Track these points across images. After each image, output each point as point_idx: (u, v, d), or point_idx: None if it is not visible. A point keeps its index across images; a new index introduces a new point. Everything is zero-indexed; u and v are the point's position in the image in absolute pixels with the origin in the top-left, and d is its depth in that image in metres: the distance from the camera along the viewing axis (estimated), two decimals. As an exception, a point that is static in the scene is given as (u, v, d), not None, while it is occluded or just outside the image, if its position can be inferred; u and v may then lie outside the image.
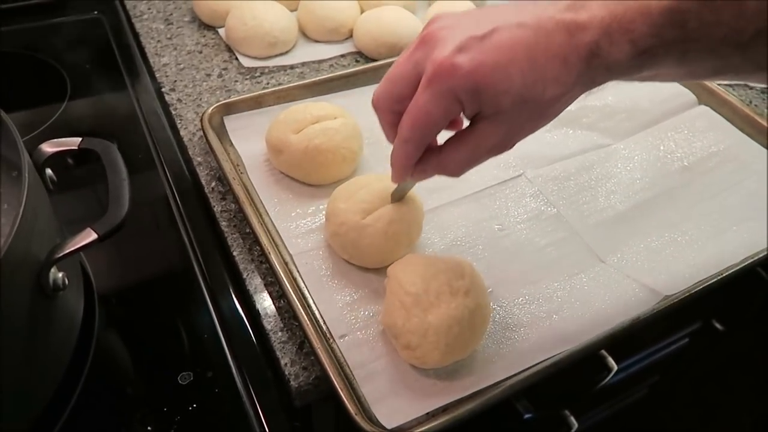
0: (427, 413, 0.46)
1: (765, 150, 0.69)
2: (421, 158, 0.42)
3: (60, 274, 0.43)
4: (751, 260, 0.56)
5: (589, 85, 0.38)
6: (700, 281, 0.54)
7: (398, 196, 0.53)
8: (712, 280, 0.54)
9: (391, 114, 0.42)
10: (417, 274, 0.48)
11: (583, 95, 0.39)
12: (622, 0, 0.36)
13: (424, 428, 0.44)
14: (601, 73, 0.37)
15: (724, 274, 0.55)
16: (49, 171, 0.50)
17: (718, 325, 0.87)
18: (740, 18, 0.34)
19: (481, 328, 0.48)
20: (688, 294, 0.53)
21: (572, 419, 0.70)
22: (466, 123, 0.41)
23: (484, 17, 0.38)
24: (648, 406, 1.10)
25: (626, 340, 0.53)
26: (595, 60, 0.36)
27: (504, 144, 0.40)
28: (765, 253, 0.57)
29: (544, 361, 0.48)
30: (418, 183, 0.62)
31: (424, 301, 0.46)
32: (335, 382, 0.45)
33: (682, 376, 1.09)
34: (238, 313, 0.53)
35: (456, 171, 0.42)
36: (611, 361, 0.59)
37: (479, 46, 0.36)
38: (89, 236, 0.42)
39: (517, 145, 0.41)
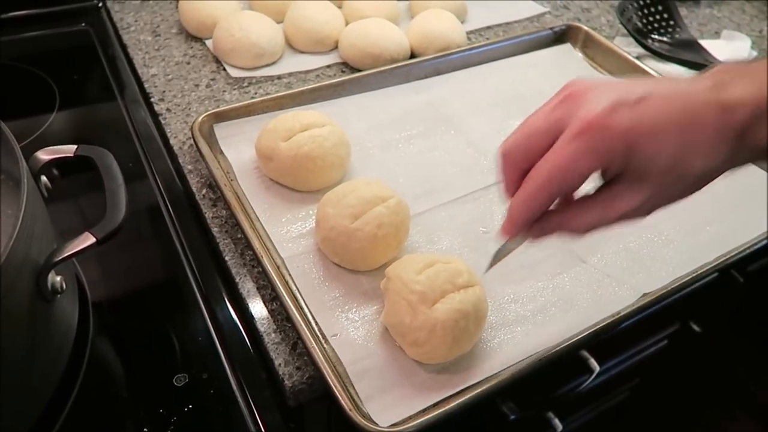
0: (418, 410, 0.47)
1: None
2: (540, 216, 0.40)
3: (58, 278, 0.44)
4: (723, 259, 0.59)
5: (734, 164, 0.37)
6: (677, 278, 0.57)
7: (500, 257, 0.44)
8: (688, 278, 0.57)
9: (517, 169, 0.39)
10: (420, 272, 0.49)
11: None
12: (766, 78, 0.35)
13: (415, 422, 0.45)
14: (745, 154, 0.37)
15: (699, 272, 0.57)
16: (44, 178, 0.51)
17: (695, 327, 0.89)
18: None
19: (483, 321, 0.50)
20: (665, 291, 0.56)
21: (556, 421, 0.72)
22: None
23: (630, 84, 0.37)
24: (630, 409, 1.13)
25: (608, 339, 0.55)
26: (742, 140, 0.36)
27: (639, 211, 0.38)
28: (736, 253, 0.60)
29: (529, 356, 0.50)
30: (408, 188, 0.64)
31: (430, 298, 0.48)
32: (329, 380, 0.46)
33: (662, 377, 1.11)
34: (232, 316, 0.54)
35: (582, 230, 0.39)
36: (593, 362, 0.61)
37: (633, 109, 0.35)
38: (87, 240, 0.43)
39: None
